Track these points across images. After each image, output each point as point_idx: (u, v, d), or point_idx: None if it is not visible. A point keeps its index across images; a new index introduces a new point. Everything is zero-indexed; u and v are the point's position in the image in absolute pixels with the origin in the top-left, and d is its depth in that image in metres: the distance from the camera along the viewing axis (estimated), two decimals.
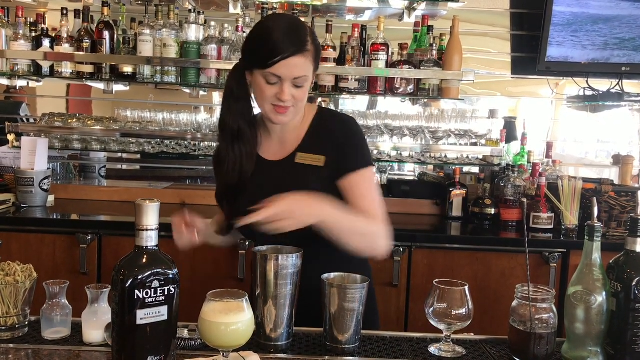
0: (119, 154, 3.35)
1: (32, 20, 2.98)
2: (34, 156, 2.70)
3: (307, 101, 1.66)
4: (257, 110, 1.68)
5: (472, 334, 1.48)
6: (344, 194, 1.61)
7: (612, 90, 3.14)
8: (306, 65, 1.55)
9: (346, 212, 1.53)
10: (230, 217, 1.64)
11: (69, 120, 2.97)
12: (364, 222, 1.55)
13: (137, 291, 1.06)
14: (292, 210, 1.41)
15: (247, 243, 2.45)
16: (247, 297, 1.19)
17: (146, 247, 1.09)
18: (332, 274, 1.39)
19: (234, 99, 1.65)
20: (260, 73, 1.54)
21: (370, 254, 1.61)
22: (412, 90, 2.90)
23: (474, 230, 2.76)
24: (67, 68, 2.86)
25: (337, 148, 1.63)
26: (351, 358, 1.32)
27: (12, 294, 1.31)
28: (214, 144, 2.98)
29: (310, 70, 1.57)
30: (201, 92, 3.17)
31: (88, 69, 2.85)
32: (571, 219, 2.61)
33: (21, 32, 2.85)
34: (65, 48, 2.83)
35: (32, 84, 3.23)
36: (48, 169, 2.76)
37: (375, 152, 2.89)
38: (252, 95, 1.63)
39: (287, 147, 1.68)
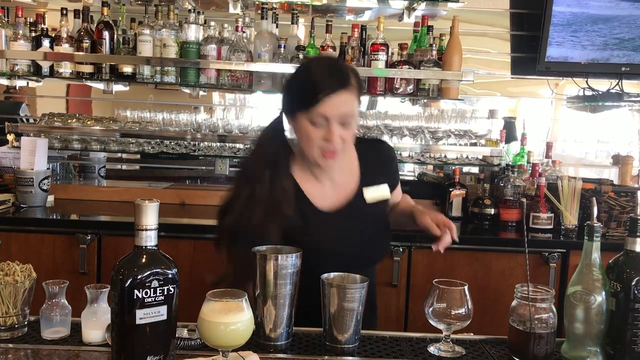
0: (119, 154, 3.35)
1: (31, 20, 2.98)
2: (33, 156, 2.69)
3: None
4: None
5: (472, 334, 1.48)
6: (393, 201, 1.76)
7: (611, 91, 3.14)
8: (351, 101, 1.52)
9: None
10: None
11: (69, 121, 2.97)
12: None
13: (136, 291, 1.06)
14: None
15: None
16: (246, 297, 1.20)
17: (145, 247, 1.09)
18: (332, 274, 1.39)
19: (267, 143, 1.61)
20: (305, 116, 1.50)
21: None
22: (411, 91, 2.90)
23: (473, 231, 2.76)
24: (66, 68, 2.86)
25: (388, 169, 1.75)
26: (350, 358, 1.32)
27: (12, 293, 1.31)
28: (214, 144, 2.98)
29: (356, 107, 1.54)
30: (201, 92, 3.17)
31: (88, 69, 2.85)
32: (571, 219, 2.61)
33: (21, 32, 2.85)
34: (65, 48, 2.83)
35: (31, 84, 3.23)
36: (48, 169, 2.76)
37: None
38: (296, 141, 1.59)
39: (345, 189, 1.65)
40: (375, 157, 1.72)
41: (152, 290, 1.08)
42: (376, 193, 1.66)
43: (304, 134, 1.53)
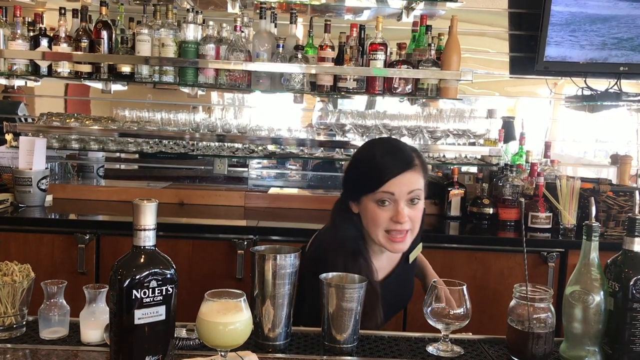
0: (117, 154, 3.35)
1: (30, 20, 2.97)
2: (32, 156, 2.69)
3: None
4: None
5: (470, 334, 1.49)
6: None
7: (610, 90, 3.14)
8: (418, 179, 1.51)
9: None
10: None
11: (67, 120, 2.96)
12: None
13: (134, 291, 1.06)
14: None
15: (245, 243, 2.45)
16: (245, 297, 1.19)
17: (144, 246, 1.09)
18: (330, 274, 1.39)
19: (339, 229, 1.60)
20: (371, 198, 1.50)
21: None
22: (410, 90, 2.90)
23: (472, 230, 2.76)
24: (65, 68, 2.85)
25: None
26: (349, 357, 1.32)
27: (10, 293, 1.30)
28: (212, 144, 2.98)
29: (422, 184, 1.53)
30: (199, 92, 3.16)
31: (86, 68, 2.85)
32: (569, 218, 2.61)
33: (19, 31, 2.85)
34: (63, 48, 2.83)
35: (30, 83, 3.22)
36: (46, 168, 2.76)
37: None
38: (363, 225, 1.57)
39: (395, 258, 1.70)
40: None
41: (150, 290, 1.08)
42: (416, 252, 1.72)
43: (370, 217, 1.52)
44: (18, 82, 3.15)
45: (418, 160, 1.53)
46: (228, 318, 1.16)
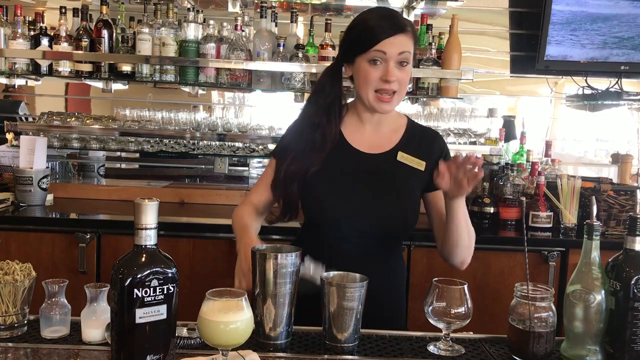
0: (118, 153, 3.35)
1: (30, 19, 2.97)
2: (32, 155, 2.69)
3: None
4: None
5: (471, 333, 1.48)
6: (433, 206, 1.69)
7: (611, 89, 3.14)
8: (409, 44, 1.57)
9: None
10: (293, 206, 1.68)
11: (68, 119, 2.96)
12: (471, 231, 1.66)
13: (136, 290, 1.06)
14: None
15: None
16: (246, 296, 1.19)
17: (145, 246, 1.09)
18: (332, 273, 1.39)
19: (324, 95, 1.67)
20: (364, 57, 1.56)
21: (462, 259, 1.69)
22: (411, 89, 2.89)
23: None
24: (65, 67, 2.85)
25: (431, 155, 1.68)
26: (350, 357, 1.32)
27: (11, 292, 1.30)
28: (213, 143, 2.98)
29: (412, 49, 1.58)
30: (200, 91, 3.16)
31: (87, 67, 2.85)
32: (570, 217, 2.61)
33: (20, 30, 2.85)
34: (63, 47, 2.83)
35: (30, 82, 3.22)
36: (47, 167, 2.76)
37: None
38: (353, 86, 1.65)
39: (384, 143, 1.69)
40: (428, 140, 1.72)
41: (151, 289, 1.08)
42: (410, 159, 1.67)
43: (362, 75, 1.58)
44: (19, 81, 3.15)
45: (410, 28, 1.59)
46: (229, 317, 1.16)
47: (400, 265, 1.76)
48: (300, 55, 2.82)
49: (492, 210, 2.80)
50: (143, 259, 1.09)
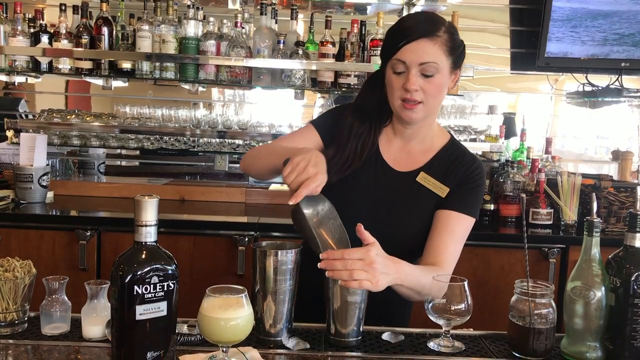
0: (118, 150, 3.35)
1: (30, 16, 2.97)
2: (32, 152, 2.69)
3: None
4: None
5: (472, 329, 1.49)
6: (435, 222, 1.55)
7: (611, 86, 3.14)
8: (435, 51, 1.45)
9: (418, 269, 1.41)
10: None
11: (68, 117, 2.96)
12: (429, 277, 1.38)
13: (136, 287, 1.06)
14: (375, 263, 1.25)
15: (246, 239, 2.45)
16: (246, 293, 1.20)
17: (145, 242, 1.09)
18: None
19: (363, 105, 1.61)
20: (389, 65, 1.49)
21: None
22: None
23: (473, 226, 2.75)
24: (65, 64, 2.85)
25: (463, 185, 1.57)
26: (351, 353, 1.32)
27: (12, 289, 1.31)
28: (213, 140, 2.98)
29: (441, 60, 1.46)
30: (200, 88, 3.16)
31: (87, 65, 2.85)
32: (570, 214, 2.61)
33: (19, 28, 2.85)
34: (63, 44, 2.82)
35: (30, 80, 3.22)
36: (47, 165, 2.76)
37: None
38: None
39: (411, 160, 1.61)
40: (461, 165, 1.60)
41: (152, 286, 1.08)
42: (430, 181, 1.58)
43: (388, 83, 1.52)
44: (19, 79, 3.15)
45: (444, 33, 1.45)
46: (229, 314, 1.16)
47: None
48: (300, 52, 2.81)
49: (492, 207, 2.79)
50: (143, 256, 1.09)
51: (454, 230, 1.54)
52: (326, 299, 1.35)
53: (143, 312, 1.07)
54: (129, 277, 1.06)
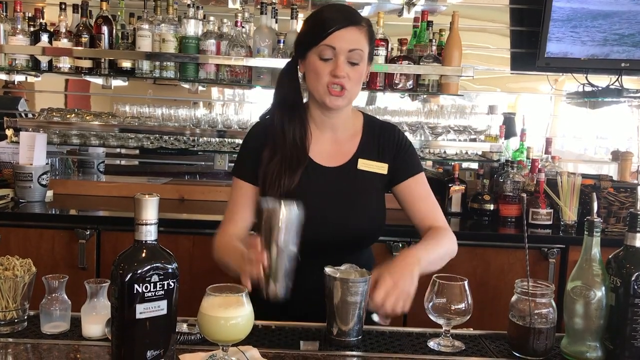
0: (118, 149, 3.35)
1: (30, 15, 2.96)
2: (32, 151, 2.69)
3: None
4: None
5: (472, 329, 1.49)
6: (402, 198, 1.66)
7: (611, 87, 3.14)
8: (361, 39, 1.52)
9: (431, 247, 1.52)
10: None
11: (68, 116, 2.96)
12: (444, 244, 1.57)
13: (136, 285, 1.06)
14: (400, 288, 1.34)
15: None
16: (246, 292, 1.19)
17: (145, 241, 1.09)
18: (335, 267, 1.39)
19: (284, 98, 1.62)
20: (315, 51, 1.51)
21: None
22: (411, 86, 2.89)
23: (473, 226, 2.76)
24: (65, 63, 2.85)
25: (396, 155, 1.65)
26: (351, 352, 1.32)
27: (11, 288, 1.31)
28: (213, 139, 2.98)
29: (365, 47, 1.53)
30: (200, 88, 3.16)
31: (86, 64, 2.84)
32: (570, 214, 2.61)
33: (19, 26, 2.84)
34: (63, 43, 2.82)
35: (30, 79, 3.22)
36: (46, 164, 2.76)
37: None
38: (306, 86, 1.60)
39: (343, 152, 1.64)
40: (386, 137, 1.67)
41: (152, 284, 1.08)
42: (371, 164, 1.63)
43: (312, 70, 1.53)
44: (18, 78, 3.15)
45: (365, 23, 1.53)
46: (229, 313, 1.16)
47: (370, 261, 1.70)
48: None
49: (492, 207, 2.80)
50: (143, 255, 1.08)
51: (421, 192, 1.66)
52: (327, 298, 1.35)
53: (143, 310, 1.07)
54: (129, 275, 1.06)
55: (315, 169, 1.61)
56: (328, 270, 1.36)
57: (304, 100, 1.66)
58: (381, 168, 1.64)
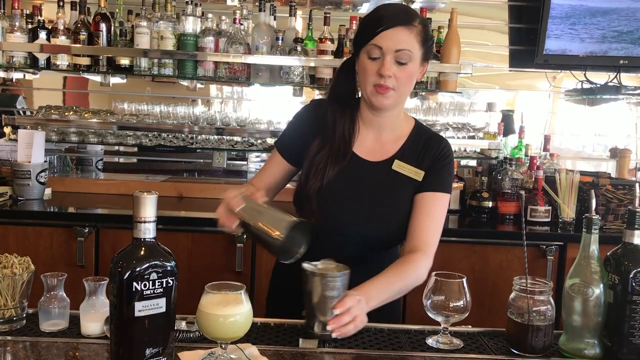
0: (116, 147, 3.34)
1: (28, 12, 2.96)
2: (30, 149, 2.69)
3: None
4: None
5: (470, 326, 1.49)
6: (413, 206, 1.61)
7: (609, 84, 3.14)
8: (410, 40, 1.49)
9: (390, 283, 1.45)
10: (307, 199, 1.58)
11: (66, 113, 2.95)
12: (408, 277, 1.49)
13: (135, 283, 1.06)
14: (361, 310, 1.32)
15: (245, 236, 2.45)
16: (245, 290, 1.20)
17: (144, 239, 1.09)
18: (313, 263, 1.39)
19: (337, 95, 1.64)
20: (364, 50, 1.52)
21: None
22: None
23: (471, 223, 2.77)
24: (63, 60, 2.84)
25: (433, 166, 1.62)
26: (349, 350, 1.32)
27: (10, 286, 1.30)
28: (211, 137, 2.98)
29: (415, 49, 1.50)
30: (198, 85, 3.15)
31: (85, 61, 2.84)
32: (568, 212, 2.61)
33: (17, 24, 2.83)
34: (61, 40, 2.81)
35: (28, 76, 3.21)
36: (45, 161, 2.75)
37: None
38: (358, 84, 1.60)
39: (385, 150, 1.64)
40: (431, 147, 1.64)
41: (150, 282, 1.08)
42: (405, 167, 1.62)
43: (361, 69, 1.54)
44: (16, 75, 3.14)
45: (419, 24, 1.51)
46: (228, 310, 1.16)
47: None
48: (299, 49, 2.81)
49: (490, 204, 2.80)
50: (142, 252, 1.08)
51: (431, 210, 1.59)
52: (305, 294, 1.35)
53: (142, 308, 1.07)
54: (127, 273, 1.06)
55: (354, 160, 1.63)
56: (306, 265, 1.36)
57: (357, 96, 1.67)
58: (417, 174, 1.61)
